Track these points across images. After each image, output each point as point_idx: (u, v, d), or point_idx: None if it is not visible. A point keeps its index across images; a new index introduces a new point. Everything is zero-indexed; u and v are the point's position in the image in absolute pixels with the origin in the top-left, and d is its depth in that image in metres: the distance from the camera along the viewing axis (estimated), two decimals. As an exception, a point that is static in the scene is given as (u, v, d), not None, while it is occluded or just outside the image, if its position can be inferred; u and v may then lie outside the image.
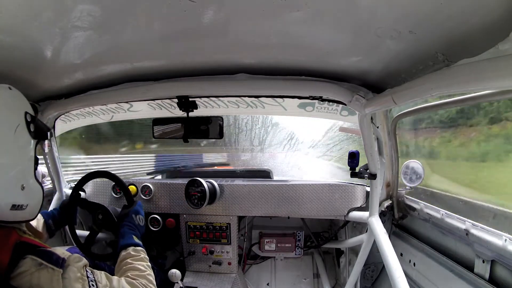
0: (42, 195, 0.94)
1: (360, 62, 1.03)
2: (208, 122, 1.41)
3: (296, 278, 2.33)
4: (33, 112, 0.94)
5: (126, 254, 1.13)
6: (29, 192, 0.87)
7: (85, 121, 2.03)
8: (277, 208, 1.90)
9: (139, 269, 1.07)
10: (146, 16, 0.75)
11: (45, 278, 0.75)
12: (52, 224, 1.38)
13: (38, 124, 0.93)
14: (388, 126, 1.61)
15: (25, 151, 0.89)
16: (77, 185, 1.55)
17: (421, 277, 1.51)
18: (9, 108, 0.86)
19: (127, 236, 1.21)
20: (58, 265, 0.78)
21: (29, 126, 0.90)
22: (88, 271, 0.86)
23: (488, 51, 0.64)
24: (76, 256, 0.86)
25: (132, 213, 1.33)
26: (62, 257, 0.81)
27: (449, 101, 1.27)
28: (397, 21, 0.71)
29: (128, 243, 1.17)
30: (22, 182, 0.85)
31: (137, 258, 1.12)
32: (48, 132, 1.03)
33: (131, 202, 1.46)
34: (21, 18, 0.72)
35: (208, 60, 1.12)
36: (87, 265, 0.88)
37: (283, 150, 3.20)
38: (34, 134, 0.92)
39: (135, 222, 1.31)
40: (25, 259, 0.76)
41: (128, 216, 1.32)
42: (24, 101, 0.92)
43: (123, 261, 1.11)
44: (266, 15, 0.72)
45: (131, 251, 1.14)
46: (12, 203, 0.81)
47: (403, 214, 1.74)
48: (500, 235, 1.08)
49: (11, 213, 0.81)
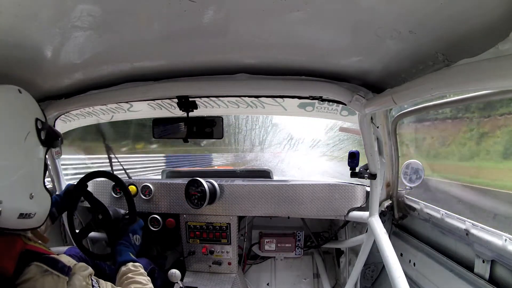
0: (50, 203, 0.93)
1: (360, 62, 1.03)
2: (208, 122, 1.41)
3: (296, 278, 2.33)
4: (43, 117, 0.90)
5: (126, 269, 1.16)
6: (38, 201, 0.85)
7: (85, 121, 2.02)
8: (277, 208, 1.90)
9: (141, 282, 1.10)
10: (146, 16, 0.75)
11: (49, 284, 0.74)
12: (56, 211, 1.39)
13: (49, 131, 0.91)
14: (388, 126, 1.61)
15: (35, 159, 0.86)
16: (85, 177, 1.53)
17: (421, 277, 1.51)
18: (19, 114, 0.83)
19: (124, 253, 1.24)
20: (64, 272, 0.77)
21: (39, 134, 0.87)
22: (93, 280, 0.85)
23: (488, 51, 0.64)
24: (82, 265, 0.85)
25: (130, 232, 1.37)
26: (68, 265, 0.80)
27: (449, 100, 1.27)
28: (397, 21, 0.71)
29: (127, 259, 1.20)
30: (31, 191, 0.83)
31: (138, 273, 1.15)
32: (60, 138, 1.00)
33: (133, 217, 1.46)
34: (21, 18, 0.72)
35: (208, 60, 1.12)
36: (93, 274, 0.87)
37: (283, 149, 3.21)
38: (45, 142, 0.89)
39: (131, 241, 1.34)
40: (30, 266, 0.75)
41: (126, 234, 1.35)
42: (35, 106, 0.89)
43: (124, 276, 1.13)
44: (266, 15, 0.72)
45: (130, 266, 1.17)
46: (20, 212, 0.79)
47: (403, 214, 1.74)
48: (500, 235, 1.08)
49: (18, 221, 0.79)
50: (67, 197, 1.47)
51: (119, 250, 1.26)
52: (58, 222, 2.05)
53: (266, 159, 3.43)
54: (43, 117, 0.91)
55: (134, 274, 1.13)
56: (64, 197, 1.46)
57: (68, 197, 1.47)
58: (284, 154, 3.23)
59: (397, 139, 1.67)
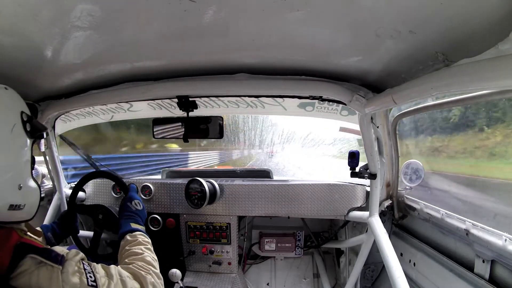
0: (39, 195, 0.94)
1: (360, 62, 1.03)
2: (208, 122, 1.41)
3: (296, 278, 2.33)
4: (29, 111, 0.94)
5: (124, 242, 1.13)
6: (27, 192, 0.87)
7: (85, 121, 2.02)
8: (277, 208, 1.90)
9: (136, 253, 1.07)
10: (146, 16, 0.75)
11: (44, 276, 0.75)
12: (52, 237, 1.37)
13: (34, 123, 0.93)
14: (388, 126, 1.61)
15: (22, 150, 0.89)
16: (75, 188, 1.54)
17: (421, 277, 1.51)
18: (5, 108, 0.86)
19: (124, 225, 1.21)
20: (58, 262, 0.78)
21: (25, 126, 0.90)
22: (84, 263, 0.86)
23: (488, 51, 0.64)
24: (73, 251, 0.87)
25: (127, 202, 1.32)
26: (61, 254, 0.81)
27: (449, 100, 1.27)
28: (397, 21, 0.71)
29: (125, 231, 1.17)
30: (20, 182, 0.85)
31: (134, 243, 1.12)
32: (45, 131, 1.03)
33: (125, 190, 1.44)
34: (21, 18, 0.72)
35: (208, 60, 1.12)
36: (84, 258, 0.88)
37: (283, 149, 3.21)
38: (31, 134, 0.92)
39: (132, 209, 1.29)
40: (25, 259, 0.76)
41: (124, 205, 1.32)
42: (20, 101, 0.92)
43: (122, 250, 1.12)
44: (266, 15, 0.72)
45: (128, 237, 1.14)
46: (10, 203, 0.81)
47: (403, 214, 1.75)
48: (500, 235, 1.08)
49: (9, 213, 0.81)
50: (64, 222, 1.44)
51: (120, 224, 1.23)
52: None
53: (267, 159, 3.41)
54: (29, 111, 0.94)
55: (130, 246, 1.11)
56: (60, 223, 1.44)
57: (65, 222, 1.45)
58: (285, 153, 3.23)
59: (397, 139, 1.67)
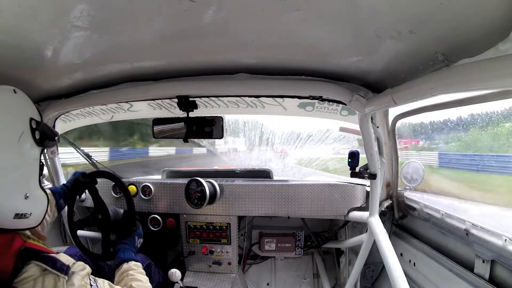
0: (46, 203, 0.93)
1: (360, 62, 1.03)
2: (208, 122, 1.41)
3: (296, 278, 2.33)
4: (39, 116, 0.90)
5: (128, 266, 1.18)
6: (33, 201, 0.86)
7: (85, 121, 2.02)
8: (277, 208, 1.90)
9: (141, 280, 1.13)
10: (146, 16, 0.75)
11: (49, 284, 0.74)
12: (63, 203, 1.39)
13: (44, 130, 0.91)
14: (388, 126, 1.61)
15: (29, 159, 0.86)
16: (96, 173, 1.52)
17: (421, 277, 1.51)
18: (13, 114, 0.83)
19: (127, 252, 1.27)
20: (63, 271, 0.78)
21: (34, 134, 0.87)
22: (91, 279, 0.86)
23: (488, 51, 0.64)
24: (80, 264, 0.86)
25: (136, 235, 1.40)
26: (66, 264, 0.80)
27: (449, 101, 1.27)
28: (397, 21, 0.71)
29: (130, 258, 1.23)
30: (26, 191, 0.83)
31: (138, 271, 1.18)
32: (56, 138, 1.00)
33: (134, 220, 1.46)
34: (21, 18, 0.72)
35: (208, 60, 1.12)
36: (90, 273, 0.88)
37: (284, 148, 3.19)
38: (40, 141, 0.89)
39: (135, 243, 1.38)
40: (29, 265, 0.75)
41: (132, 236, 1.38)
42: (29, 106, 0.89)
43: (125, 272, 1.16)
44: (266, 15, 0.72)
45: (132, 265, 1.20)
46: (16, 212, 0.80)
47: (403, 214, 1.75)
48: (500, 235, 1.08)
49: (14, 221, 0.80)
50: (76, 187, 1.45)
51: (123, 248, 1.28)
52: (58, 222, 2.06)
53: (267, 158, 3.39)
54: (39, 116, 0.91)
55: (135, 272, 1.16)
56: (71, 188, 1.44)
57: (76, 188, 1.45)
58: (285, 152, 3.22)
59: (396, 139, 1.67)
